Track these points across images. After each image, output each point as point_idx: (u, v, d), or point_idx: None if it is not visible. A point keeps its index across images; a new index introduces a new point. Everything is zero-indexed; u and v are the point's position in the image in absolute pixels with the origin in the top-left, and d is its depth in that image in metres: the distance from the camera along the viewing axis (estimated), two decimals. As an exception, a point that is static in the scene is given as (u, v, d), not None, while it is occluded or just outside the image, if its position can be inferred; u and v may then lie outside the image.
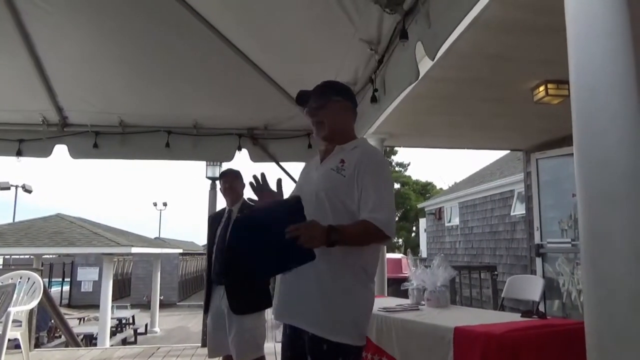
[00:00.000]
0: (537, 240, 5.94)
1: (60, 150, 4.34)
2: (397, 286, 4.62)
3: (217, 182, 7.43)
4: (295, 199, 1.70)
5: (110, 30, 3.41)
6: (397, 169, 30.99)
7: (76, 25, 3.37)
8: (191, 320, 16.46)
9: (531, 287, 4.31)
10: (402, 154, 31.33)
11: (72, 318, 14.29)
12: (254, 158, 4.51)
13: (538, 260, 5.91)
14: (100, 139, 4.31)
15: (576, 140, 1.80)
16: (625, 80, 1.70)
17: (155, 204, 32.49)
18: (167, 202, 33.23)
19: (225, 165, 5.18)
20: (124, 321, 14.56)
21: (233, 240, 2.10)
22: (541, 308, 5.33)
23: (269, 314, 3.20)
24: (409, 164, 31.63)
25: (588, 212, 1.70)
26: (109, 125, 4.29)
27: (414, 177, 30.84)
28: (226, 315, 2.95)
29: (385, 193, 1.75)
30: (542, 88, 3.98)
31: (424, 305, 3.05)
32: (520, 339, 2.05)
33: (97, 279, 19.91)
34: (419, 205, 19.47)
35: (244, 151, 4.49)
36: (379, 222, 1.67)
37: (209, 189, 6.98)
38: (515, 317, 2.57)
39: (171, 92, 4.02)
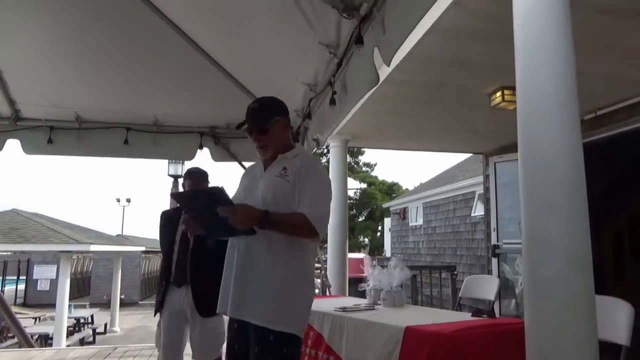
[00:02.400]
0: (493, 241, 6.12)
1: (13, 145, 4.18)
2: (358, 286, 4.68)
3: (180, 180, 7.34)
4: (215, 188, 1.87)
5: (67, 23, 3.31)
6: (364, 169, 31.24)
7: (30, 17, 3.26)
8: (153, 320, 16.11)
9: (487, 287, 4.43)
10: (369, 155, 31.59)
11: (26, 317, 13.77)
12: (216, 157, 4.46)
13: (494, 261, 6.09)
14: (55, 135, 4.17)
15: (520, 146, 1.88)
16: (566, 89, 1.79)
17: (118, 200, 31.69)
18: (130, 198, 32.46)
19: (188, 164, 5.09)
20: (82, 320, 14.12)
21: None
22: (497, 307, 5.50)
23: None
24: (375, 165, 31.93)
25: (529, 217, 1.79)
26: (64, 120, 4.16)
27: (380, 178, 31.17)
28: (189, 316, 2.92)
29: (321, 194, 1.93)
30: (498, 94, 4.10)
31: (380, 305, 3.10)
32: (466, 338, 2.12)
33: (54, 277, 19.21)
34: (385, 205, 19.70)
35: (206, 150, 4.44)
36: (312, 217, 1.84)
37: (171, 186, 6.90)
38: (466, 317, 2.65)
39: (130, 88, 3.93)
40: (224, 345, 2.30)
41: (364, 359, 2.40)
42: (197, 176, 3.09)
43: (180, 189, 3.37)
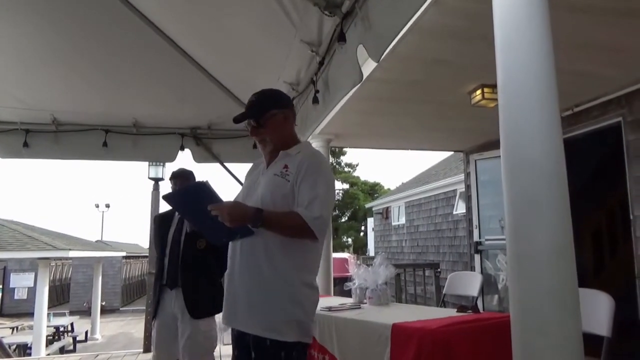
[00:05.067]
0: (475, 237, 6.19)
1: (-14, 150, 4.08)
2: (343, 285, 4.69)
3: (160, 183, 7.23)
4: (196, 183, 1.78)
5: (40, 24, 3.23)
6: (346, 169, 31.32)
7: (2, 19, 3.17)
8: (135, 326, 15.90)
9: (470, 283, 4.48)
10: (351, 155, 31.70)
11: (3, 327, 13.46)
12: (198, 158, 4.42)
13: (477, 257, 6.16)
14: (31, 138, 4.08)
15: (503, 142, 1.90)
16: (546, 86, 1.81)
17: (97, 206, 31.30)
18: (109, 203, 32.09)
19: (169, 166, 5.02)
20: (61, 329, 13.83)
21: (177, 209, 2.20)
22: (480, 303, 5.56)
23: (219, 317, 3.17)
24: (357, 165, 32.08)
25: (513, 211, 1.80)
26: (40, 123, 4.07)
27: (362, 178, 31.27)
28: (180, 319, 2.92)
29: (321, 193, 1.77)
30: (478, 92, 4.14)
31: (365, 303, 3.10)
32: (452, 333, 2.14)
33: (32, 285, 18.79)
34: (367, 205, 19.77)
35: (187, 151, 4.40)
36: (308, 218, 1.71)
37: (151, 189, 6.81)
38: (451, 313, 2.67)
39: (108, 89, 3.86)
40: (219, 349, 2.28)
41: (358, 358, 2.40)
42: (183, 177, 3.07)
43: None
